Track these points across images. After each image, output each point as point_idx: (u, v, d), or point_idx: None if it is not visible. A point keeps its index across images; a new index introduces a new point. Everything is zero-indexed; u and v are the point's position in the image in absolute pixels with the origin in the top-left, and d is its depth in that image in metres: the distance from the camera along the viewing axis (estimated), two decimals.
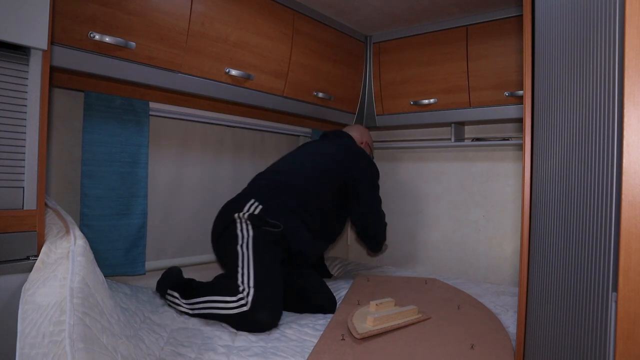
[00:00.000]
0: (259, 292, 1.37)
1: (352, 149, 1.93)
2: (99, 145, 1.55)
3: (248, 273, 1.42)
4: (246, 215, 1.58)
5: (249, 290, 1.37)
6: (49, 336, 0.85)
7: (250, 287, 1.38)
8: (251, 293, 1.36)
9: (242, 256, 1.47)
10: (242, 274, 1.42)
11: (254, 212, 1.59)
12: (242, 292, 1.37)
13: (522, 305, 1.07)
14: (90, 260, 1.01)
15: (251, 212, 1.60)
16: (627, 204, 0.59)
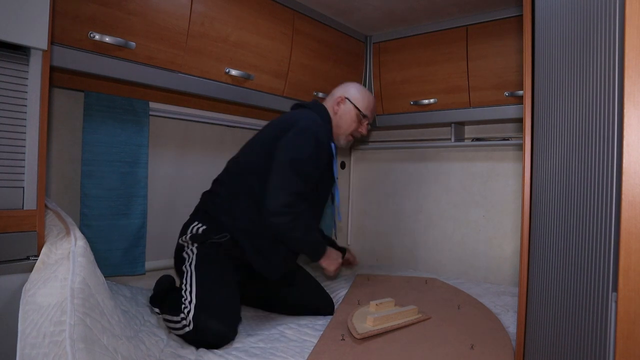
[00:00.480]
0: (200, 310, 1.27)
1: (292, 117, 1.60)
2: (99, 145, 1.55)
3: (190, 290, 1.34)
4: (188, 237, 1.50)
5: (190, 308, 1.28)
6: (49, 336, 0.85)
7: (192, 305, 1.29)
8: (192, 312, 1.26)
9: (186, 274, 1.40)
10: (184, 291, 1.35)
11: (196, 233, 1.50)
12: (184, 310, 1.28)
13: (522, 305, 1.07)
14: (90, 261, 1.01)
15: (192, 234, 1.50)
16: (627, 204, 0.59)
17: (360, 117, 1.69)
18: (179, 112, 1.83)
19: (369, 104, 1.72)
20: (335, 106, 1.70)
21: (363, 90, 1.74)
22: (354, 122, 1.69)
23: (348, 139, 1.71)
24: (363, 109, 1.69)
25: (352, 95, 1.71)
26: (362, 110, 1.69)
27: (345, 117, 1.69)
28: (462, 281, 2.10)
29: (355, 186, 2.80)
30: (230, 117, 1.99)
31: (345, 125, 1.69)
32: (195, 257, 1.44)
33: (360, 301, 1.63)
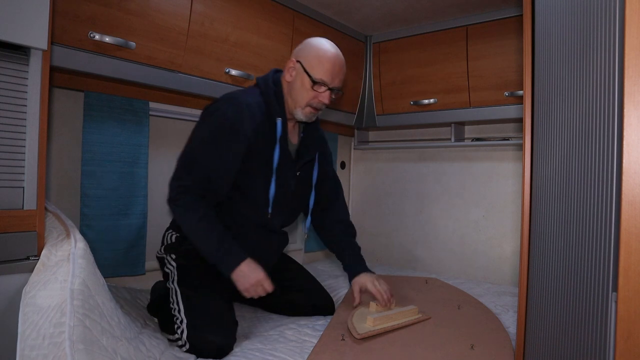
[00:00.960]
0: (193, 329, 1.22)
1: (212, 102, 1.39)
2: (99, 145, 1.55)
3: (179, 309, 1.27)
4: (162, 249, 1.46)
5: (183, 328, 1.23)
6: (49, 338, 0.85)
7: (184, 325, 1.23)
8: (185, 332, 1.22)
9: (172, 293, 1.33)
10: (174, 310, 1.28)
11: (169, 243, 1.45)
12: (177, 330, 1.24)
13: (522, 305, 1.07)
14: (90, 263, 1.01)
15: (166, 244, 1.46)
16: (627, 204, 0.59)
17: (312, 84, 1.34)
18: (179, 112, 1.83)
19: (324, 65, 1.34)
20: (287, 74, 1.40)
21: (318, 47, 1.36)
22: (308, 91, 1.35)
23: (307, 112, 1.39)
24: (315, 73, 1.33)
25: (304, 56, 1.36)
26: (313, 76, 1.33)
27: (296, 86, 1.37)
28: (462, 281, 2.10)
29: (355, 186, 2.80)
30: None
31: (299, 96, 1.37)
32: (176, 271, 1.37)
33: (361, 301, 1.63)
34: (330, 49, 1.37)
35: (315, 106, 1.38)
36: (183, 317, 1.25)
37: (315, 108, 1.39)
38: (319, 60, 1.34)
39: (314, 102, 1.37)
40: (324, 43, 1.39)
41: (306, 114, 1.39)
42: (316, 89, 1.35)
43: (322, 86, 1.35)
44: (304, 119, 1.40)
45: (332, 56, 1.36)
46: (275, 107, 1.37)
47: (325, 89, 1.36)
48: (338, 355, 1.15)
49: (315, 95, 1.36)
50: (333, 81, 1.36)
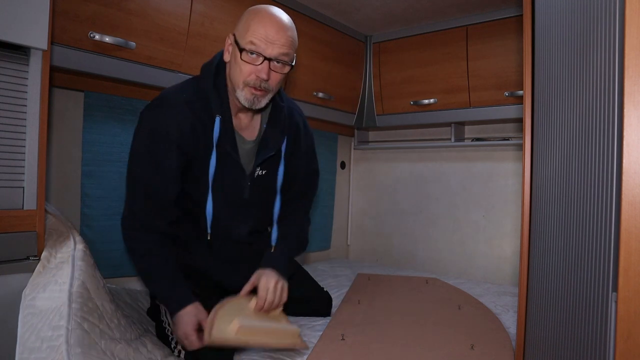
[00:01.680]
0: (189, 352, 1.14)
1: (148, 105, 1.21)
2: (99, 145, 1.55)
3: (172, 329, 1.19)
4: None
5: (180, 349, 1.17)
6: (47, 341, 0.86)
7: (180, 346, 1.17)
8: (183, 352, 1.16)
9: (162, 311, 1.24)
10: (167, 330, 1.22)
11: None
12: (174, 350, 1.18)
13: (522, 305, 1.07)
14: (90, 265, 1.01)
15: None
16: (627, 204, 0.59)
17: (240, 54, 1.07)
18: None
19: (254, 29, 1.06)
20: (225, 53, 1.15)
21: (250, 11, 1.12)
22: (241, 65, 1.08)
23: (248, 95, 1.11)
24: (241, 39, 1.07)
25: (237, 27, 1.12)
26: (239, 43, 1.07)
27: (231, 63, 1.13)
28: (462, 281, 2.10)
29: (355, 186, 2.80)
30: None
31: (234, 75, 1.12)
32: None
33: (360, 301, 1.63)
34: (266, 9, 1.10)
35: (254, 84, 1.09)
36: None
37: (257, 88, 1.10)
38: (248, 24, 1.07)
39: (250, 80, 1.09)
40: (260, 6, 1.13)
41: (247, 96, 1.11)
42: (246, 58, 1.07)
43: (255, 56, 1.06)
44: (246, 104, 1.12)
45: (264, 17, 1.07)
46: (215, 101, 1.14)
47: (261, 61, 1.07)
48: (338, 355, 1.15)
49: (251, 71, 1.08)
50: (268, 48, 1.06)
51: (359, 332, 1.30)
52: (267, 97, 1.15)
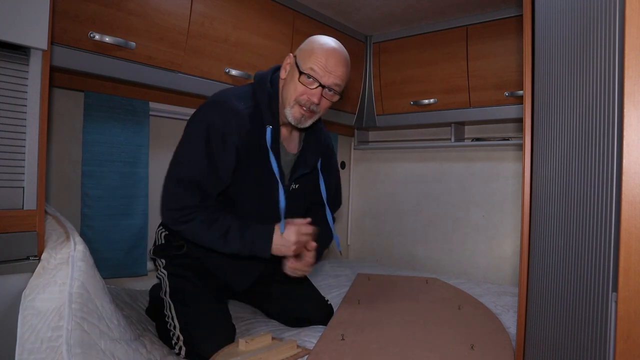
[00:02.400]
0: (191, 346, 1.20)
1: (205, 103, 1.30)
2: (99, 145, 1.55)
3: (174, 325, 1.23)
4: (152, 250, 1.41)
5: (180, 344, 1.21)
6: (47, 341, 0.85)
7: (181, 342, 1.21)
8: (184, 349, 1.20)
9: (165, 306, 1.29)
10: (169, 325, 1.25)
11: (159, 244, 1.41)
12: (175, 346, 1.22)
13: (522, 305, 1.07)
14: (90, 265, 1.01)
15: (156, 244, 1.41)
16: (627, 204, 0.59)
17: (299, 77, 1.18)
18: (179, 112, 1.83)
19: (316, 57, 1.18)
20: (282, 70, 1.26)
21: (315, 39, 1.23)
22: (296, 84, 1.19)
23: (295, 113, 1.22)
24: (304, 64, 1.18)
25: (299, 49, 1.24)
26: (299, 65, 1.18)
27: (287, 81, 1.24)
28: (462, 281, 2.10)
29: (355, 186, 2.80)
30: None
31: (287, 92, 1.22)
32: (167, 281, 1.32)
33: (360, 301, 1.63)
34: (329, 42, 1.23)
35: (304, 104, 1.21)
36: (179, 333, 1.22)
37: (306, 108, 1.22)
38: (312, 51, 1.19)
39: (302, 99, 1.20)
40: (325, 37, 1.24)
41: (294, 114, 1.23)
42: (303, 81, 1.18)
43: (312, 80, 1.18)
44: (292, 121, 1.24)
45: (328, 49, 1.19)
46: (267, 112, 1.24)
47: (316, 86, 1.19)
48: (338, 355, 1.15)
49: (304, 91, 1.20)
50: (325, 76, 1.19)
51: (359, 332, 1.30)
52: (312, 119, 1.26)
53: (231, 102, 1.23)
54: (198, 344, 1.20)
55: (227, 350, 1.20)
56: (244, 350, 1.19)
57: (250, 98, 1.26)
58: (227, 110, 1.21)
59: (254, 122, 1.24)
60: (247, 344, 1.19)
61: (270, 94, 1.26)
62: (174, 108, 1.81)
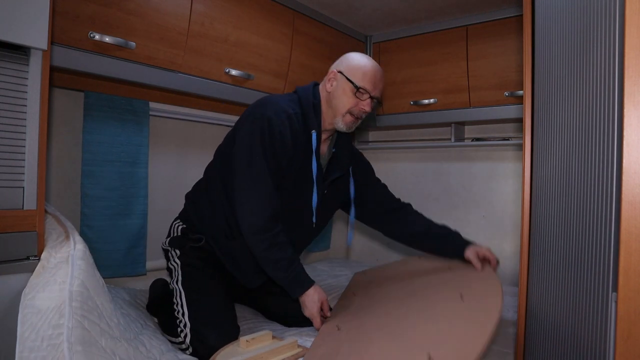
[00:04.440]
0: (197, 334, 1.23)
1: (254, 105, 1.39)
2: (99, 145, 1.55)
3: (182, 312, 1.28)
4: (168, 241, 1.46)
5: (186, 332, 1.24)
6: (47, 339, 0.85)
7: (187, 329, 1.25)
8: (189, 336, 1.23)
9: (175, 294, 1.34)
10: (177, 312, 1.30)
11: (174, 235, 1.47)
12: (181, 334, 1.25)
13: (522, 305, 1.07)
14: (90, 264, 1.01)
15: (172, 235, 1.48)
16: (627, 204, 0.59)
17: (354, 91, 1.36)
18: (179, 112, 1.83)
19: (366, 74, 1.37)
20: (327, 84, 1.42)
21: (360, 59, 1.40)
22: (350, 98, 1.37)
23: (348, 121, 1.39)
24: (357, 81, 1.36)
25: (345, 66, 1.40)
26: (355, 82, 1.36)
27: (337, 94, 1.39)
28: None
29: None
30: (230, 117, 1.99)
31: (340, 104, 1.38)
32: (180, 271, 1.38)
33: (356, 292, 1.61)
34: (370, 59, 1.42)
35: (356, 114, 1.38)
36: (187, 320, 1.25)
37: (356, 117, 1.39)
38: (361, 69, 1.37)
39: (355, 110, 1.37)
40: (365, 56, 1.43)
41: (347, 122, 1.39)
42: (358, 95, 1.37)
43: (365, 93, 1.37)
44: (344, 128, 1.40)
45: (374, 67, 1.39)
46: (312, 119, 1.38)
47: (368, 97, 1.37)
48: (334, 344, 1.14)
49: (357, 103, 1.37)
50: (374, 89, 1.38)
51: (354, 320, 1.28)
52: (357, 123, 1.43)
53: (284, 105, 1.35)
54: (204, 331, 1.22)
55: (227, 350, 1.20)
56: (244, 349, 1.19)
57: (297, 105, 1.40)
58: (280, 111, 1.32)
59: (302, 128, 1.37)
60: (247, 343, 1.20)
61: (314, 104, 1.40)
62: (174, 108, 1.81)
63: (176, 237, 1.46)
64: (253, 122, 1.31)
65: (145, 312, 1.45)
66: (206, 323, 1.25)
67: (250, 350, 1.17)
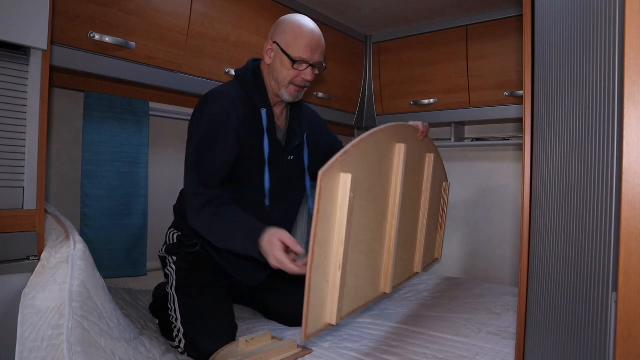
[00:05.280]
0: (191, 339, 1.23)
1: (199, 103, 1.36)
2: (99, 145, 1.55)
3: (177, 317, 1.28)
4: (164, 249, 1.47)
5: (180, 337, 1.25)
6: (47, 340, 0.86)
7: (182, 334, 1.25)
8: (183, 342, 1.25)
9: (170, 299, 1.34)
10: (172, 317, 1.30)
11: (170, 243, 1.46)
12: (176, 339, 1.26)
13: (522, 305, 1.07)
14: (90, 265, 1.01)
15: (168, 243, 1.47)
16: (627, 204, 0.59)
17: (291, 63, 1.31)
18: (179, 112, 1.83)
19: (301, 42, 1.30)
20: (266, 56, 1.36)
21: (292, 24, 1.32)
22: (289, 70, 1.32)
23: (292, 92, 1.35)
24: (293, 52, 1.30)
25: (279, 35, 1.33)
26: (291, 55, 1.30)
27: (276, 66, 1.34)
28: (462, 281, 2.10)
29: None
30: None
31: (280, 76, 1.33)
32: (175, 276, 1.37)
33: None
34: (306, 24, 1.33)
35: (299, 84, 1.35)
36: (180, 325, 1.26)
37: (299, 86, 1.36)
38: (295, 38, 1.30)
39: (296, 81, 1.34)
40: (299, 19, 1.34)
41: (291, 92, 1.36)
42: (297, 67, 1.32)
43: (303, 64, 1.32)
44: (290, 98, 1.37)
45: (308, 32, 1.32)
46: (258, 97, 1.35)
47: (307, 66, 1.33)
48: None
49: (297, 74, 1.33)
50: (313, 57, 1.32)
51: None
52: (303, 91, 1.40)
53: (225, 95, 1.33)
54: (196, 338, 1.22)
55: (227, 350, 1.20)
56: (244, 349, 1.19)
57: (240, 88, 1.37)
58: (222, 99, 1.31)
59: (247, 107, 1.34)
60: (247, 343, 1.20)
61: (256, 82, 1.37)
62: (174, 108, 1.81)
63: (172, 245, 1.45)
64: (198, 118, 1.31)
65: (146, 313, 1.46)
66: (198, 329, 1.24)
67: (250, 351, 1.17)
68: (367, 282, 1.22)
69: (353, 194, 1.05)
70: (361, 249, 1.15)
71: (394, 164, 1.30)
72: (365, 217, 1.16)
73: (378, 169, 1.22)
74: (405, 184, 1.33)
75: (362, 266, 1.17)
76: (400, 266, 1.39)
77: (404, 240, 1.40)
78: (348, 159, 1.06)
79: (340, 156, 1.03)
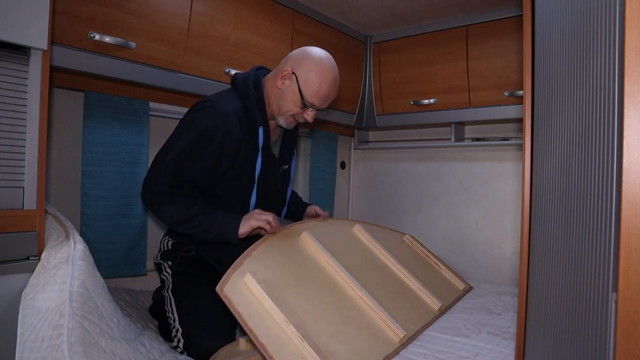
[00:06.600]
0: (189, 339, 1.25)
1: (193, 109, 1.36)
2: (99, 145, 1.55)
3: (174, 318, 1.29)
4: (159, 255, 1.47)
5: (179, 337, 1.26)
6: (47, 340, 0.85)
7: (180, 334, 1.26)
8: (182, 342, 1.25)
9: (167, 301, 1.34)
10: (170, 319, 1.30)
11: (165, 250, 1.47)
12: (174, 339, 1.27)
13: (522, 305, 1.07)
14: (90, 265, 1.01)
15: (163, 250, 1.47)
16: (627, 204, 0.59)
17: (302, 104, 1.33)
18: (179, 112, 1.82)
19: (319, 91, 1.31)
20: (279, 80, 1.34)
21: (319, 69, 1.31)
22: (296, 106, 1.33)
23: (289, 122, 1.38)
24: (308, 96, 1.31)
25: (301, 72, 1.31)
26: (305, 97, 1.31)
27: (287, 96, 1.33)
28: None
29: (355, 186, 2.80)
30: None
31: (285, 106, 1.34)
32: (171, 279, 1.38)
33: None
34: (332, 73, 1.33)
35: (298, 119, 1.39)
36: (178, 326, 1.27)
37: (297, 120, 1.39)
38: (316, 84, 1.31)
39: (298, 117, 1.37)
40: (327, 64, 1.33)
41: (288, 122, 1.38)
42: (305, 108, 1.35)
43: (312, 108, 1.35)
44: (285, 126, 1.40)
45: (331, 83, 1.33)
46: (257, 114, 1.34)
47: (314, 111, 1.37)
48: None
49: (302, 113, 1.36)
50: (323, 105, 1.36)
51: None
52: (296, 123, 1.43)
53: (221, 106, 1.30)
54: (195, 335, 1.23)
55: (227, 350, 1.20)
56: (244, 349, 1.20)
57: (238, 100, 1.34)
58: (217, 115, 1.28)
59: (243, 123, 1.33)
60: (247, 343, 1.20)
61: (257, 97, 1.35)
62: (174, 108, 1.81)
63: (167, 251, 1.46)
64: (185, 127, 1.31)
65: (146, 313, 1.46)
66: (195, 327, 1.25)
67: (250, 351, 1.18)
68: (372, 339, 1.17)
69: (265, 283, 1.08)
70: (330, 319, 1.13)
71: (309, 249, 1.36)
72: (308, 296, 1.16)
73: (294, 260, 1.27)
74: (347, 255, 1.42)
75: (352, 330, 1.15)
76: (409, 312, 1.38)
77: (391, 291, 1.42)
78: (240, 268, 1.13)
79: (230, 271, 1.10)
